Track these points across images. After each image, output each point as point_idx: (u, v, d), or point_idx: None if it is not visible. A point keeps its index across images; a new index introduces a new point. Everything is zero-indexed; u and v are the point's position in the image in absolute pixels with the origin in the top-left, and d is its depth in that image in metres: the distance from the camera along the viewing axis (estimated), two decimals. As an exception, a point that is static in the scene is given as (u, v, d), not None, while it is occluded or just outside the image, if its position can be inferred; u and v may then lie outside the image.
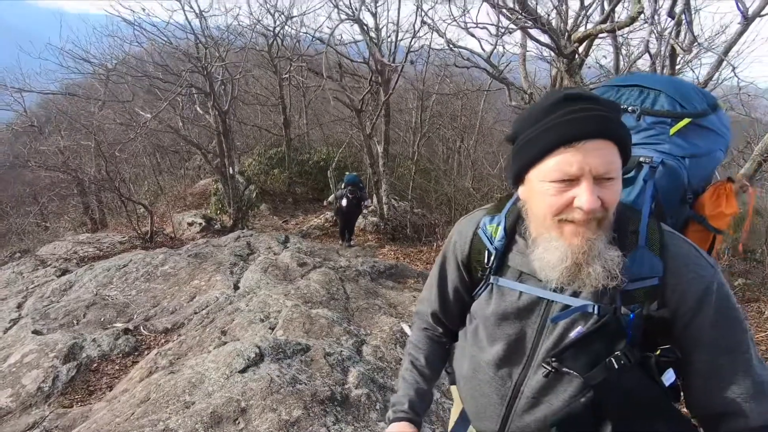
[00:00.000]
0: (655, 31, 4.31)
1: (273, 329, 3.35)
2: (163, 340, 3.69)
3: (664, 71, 5.34)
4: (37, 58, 8.20)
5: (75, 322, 4.04)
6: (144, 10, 10.12)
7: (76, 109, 10.80)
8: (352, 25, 7.93)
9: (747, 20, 5.08)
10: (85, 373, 3.25)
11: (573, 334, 0.84)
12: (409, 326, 3.65)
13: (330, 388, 2.53)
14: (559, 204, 0.78)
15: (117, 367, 3.37)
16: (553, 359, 0.84)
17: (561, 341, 0.86)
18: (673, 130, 0.95)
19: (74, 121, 9.52)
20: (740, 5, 4.84)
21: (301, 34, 10.65)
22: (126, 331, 3.73)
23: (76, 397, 3.06)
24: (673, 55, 5.27)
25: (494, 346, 0.95)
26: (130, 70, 8.62)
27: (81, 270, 5.25)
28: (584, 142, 0.75)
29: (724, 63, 5.98)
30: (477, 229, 0.99)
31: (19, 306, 4.56)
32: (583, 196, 0.75)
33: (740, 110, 5.82)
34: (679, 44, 4.52)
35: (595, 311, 0.82)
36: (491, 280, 0.96)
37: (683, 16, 3.43)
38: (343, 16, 7.52)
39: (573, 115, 0.76)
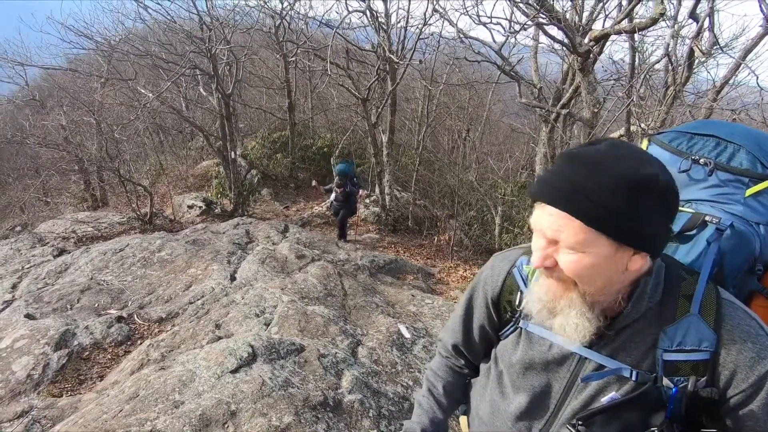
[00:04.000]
0: (675, 33, 4.14)
1: (268, 325, 3.30)
2: (156, 330, 3.64)
3: (682, 72, 5.18)
4: (39, 31, 8.05)
5: (69, 306, 3.99)
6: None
7: (78, 85, 10.63)
8: (360, 17, 7.70)
9: (770, 23, 4.89)
10: (77, 362, 3.21)
11: (605, 399, 0.77)
12: (406, 327, 3.59)
13: (323, 393, 2.47)
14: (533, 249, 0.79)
15: (109, 357, 3.33)
16: (580, 422, 0.78)
17: (590, 403, 0.79)
18: (749, 192, 0.85)
19: (74, 99, 9.37)
20: (764, 8, 4.65)
21: (308, 17, 10.37)
22: (119, 318, 3.68)
23: (66, 386, 3.02)
24: (690, 56, 5.11)
25: (517, 396, 0.90)
26: (133, 48, 8.44)
27: (77, 252, 5.20)
28: (544, 204, 0.74)
29: (742, 66, 5.80)
30: (512, 268, 0.94)
31: (14, 287, 4.52)
32: (534, 251, 0.76)
33: (756, 115, 5.66)
34: (699, 47, 4.36)
35: (633, 377, 0.75)
36: (520, 324, 0.91)
37: (711, 19, 3.28)
38: (351, 7, 7.31)
39: (546, 176, 0.75)
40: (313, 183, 8.42)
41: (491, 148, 13.71)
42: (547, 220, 0.72)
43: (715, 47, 4.48)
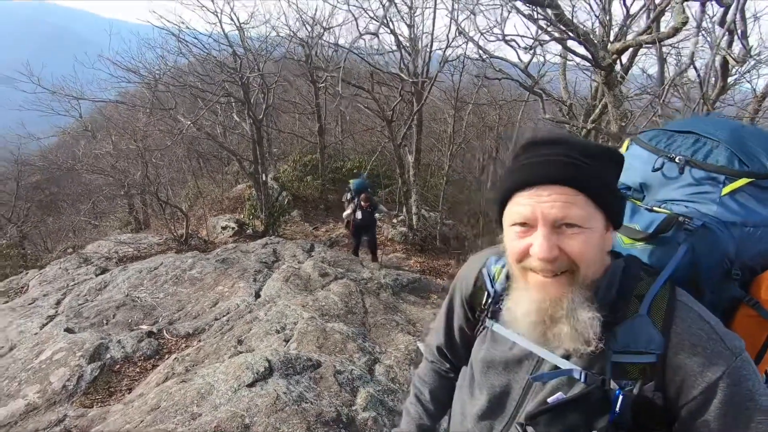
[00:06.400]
0: (708, 40, 4.00)
1: (287, 341, 3.34)
2: (183, 345, 3.76)
3: (716, 83, 4.97)
4: (91, 68, 8.80)
5: (105, 321, 4.20)
6: (183, 23, 10.48)
7: (125, 116, 11.43)
8: (373, 37, 7.93)
9: (813, 29, 4.63)
10: (108, 374, 3.35)
11: (551, 399, 0.75)
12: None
13: (336, 409, 2.46)
14: (520, 249, 0.74)
15: (138, 370, 3.46)
16: (527, 422, 0.77)
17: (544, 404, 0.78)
18: (725, 191, 0.80)
19: (120, 129, 10.08)
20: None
21: (338, 45, 10.78)
22: (150, 333, 3.83)
23: (97, 397, 3.16)
24: (725, 66, 4.90)
25: (481, 395, 0.89)
26: (173, 80, 9.06)
27: (116, 270, 5.49)
28: (538, 187, 0.71)
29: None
30: (483, 268, 0.94)
31: (58, 303, 4.81)
32: (536, 241, 0.70)
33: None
34: (732, 55, 4.19)
35: (582, 378, 0.72)
36: (486, 323, 0.90)
37: (734, 26, 3.16)
38: (363, 30, 7.58)
39: (531, 160, 0.73)
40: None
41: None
42: (547, 202, 0.69)
43: (748, 56, 4.29)
